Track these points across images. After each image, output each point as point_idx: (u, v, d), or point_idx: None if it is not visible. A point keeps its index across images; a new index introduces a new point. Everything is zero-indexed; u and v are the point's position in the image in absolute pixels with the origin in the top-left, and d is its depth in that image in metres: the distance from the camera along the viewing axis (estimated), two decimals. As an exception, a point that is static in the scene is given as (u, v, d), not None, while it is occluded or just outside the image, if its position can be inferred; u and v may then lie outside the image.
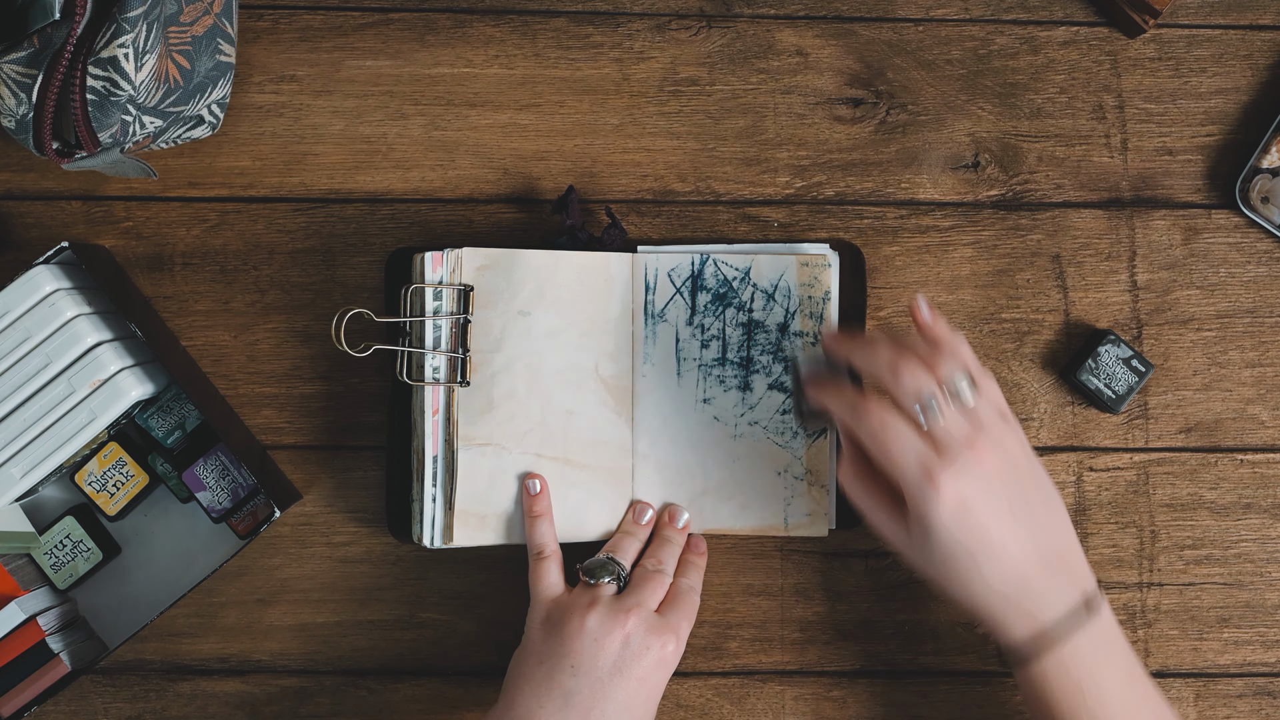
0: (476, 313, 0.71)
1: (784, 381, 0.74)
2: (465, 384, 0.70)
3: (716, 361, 0.74)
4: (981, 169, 0.78)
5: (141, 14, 0.64)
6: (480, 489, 0.71)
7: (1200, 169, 0.79)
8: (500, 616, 0.75)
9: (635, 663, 0.66)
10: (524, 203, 0.77)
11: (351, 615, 0.75)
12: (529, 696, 0.65)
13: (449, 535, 0.70)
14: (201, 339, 0.76)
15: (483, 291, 0.71)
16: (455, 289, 0.70)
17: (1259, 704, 0.76)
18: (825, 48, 0.79)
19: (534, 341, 0.71)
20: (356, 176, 0.77)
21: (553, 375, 0.72)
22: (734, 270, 0.74)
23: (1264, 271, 0.78)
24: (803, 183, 0.78)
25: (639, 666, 0.66)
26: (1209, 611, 0.76)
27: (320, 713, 0.75)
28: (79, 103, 0.64)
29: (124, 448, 0.73)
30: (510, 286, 0.71)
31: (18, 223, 0.76)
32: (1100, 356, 0.75)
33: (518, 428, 0.71)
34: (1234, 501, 0.77)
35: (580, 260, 0.73)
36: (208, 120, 0.74)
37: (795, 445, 0.73)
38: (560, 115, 0.78)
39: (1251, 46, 0.79)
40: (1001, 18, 0.79)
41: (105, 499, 0.73)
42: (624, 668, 0.66)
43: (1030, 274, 0.78)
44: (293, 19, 0.78)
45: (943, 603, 0.76)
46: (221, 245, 0.76)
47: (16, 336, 0.68)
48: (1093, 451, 0.77)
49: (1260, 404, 0.77)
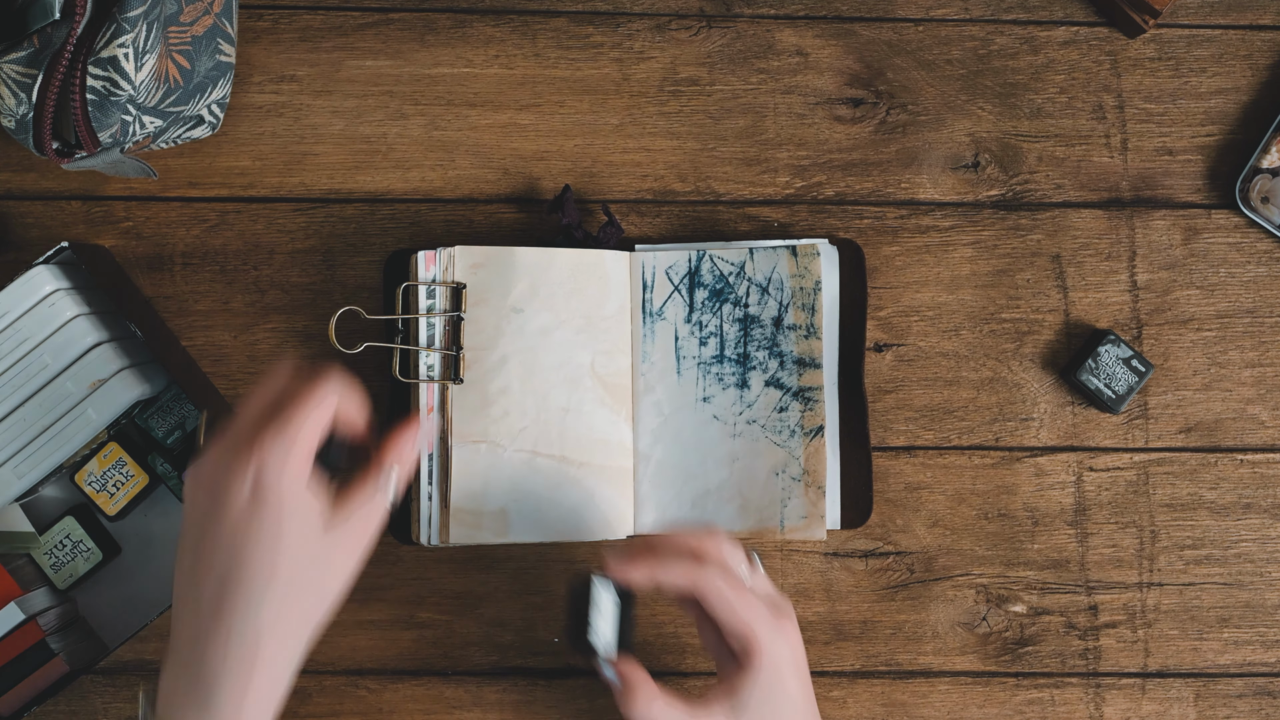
0: (470, 310, 0.71)
1: (780, 378, 0.74)
2: (459, 381, 0.71)
3: (715, 359, 0.74)
4: (981, 169, 0.78)
5: (141, 14, 0.64)
6: (475, 486, 0.71)
7: (1200, 169, 0.79)
8: (500, 616, 0.75)
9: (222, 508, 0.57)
10: (524, 203, 0.77)
11: (351, 615, 0.75)
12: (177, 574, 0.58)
13: (445, 533, 0.71)
14: (201, 339, 0.76)
15: (475, 289, 0.71)
16: (448, 287, 0.71)
17: (1259, 704, 0.76)
18: (825, 48, 0.79)
19: (527, 338, 0.72)
20: (356, 176, 0.77)
21: (548, 372, 0.72)
22: (730, 266, 0.74)
23: (1264, 271, 0.78)
24: (803, 183, 0.78)
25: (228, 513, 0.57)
26: (1209, 611, 0.76)
27: (320, 713, 0.75)
28: (79, 103, 0.64)
29: (124, 448, 0.73)
30: (503, 284, 0.71)
31: (18, 223, 0.76)
32: (1100, 356, 0.75)
33: (512, 425, 0.71)
34: (1234, 501, 0.77)
35: (573, 257, 0.73)
36: (208, 120, 0.74)
37: (793, 444, 0.73)
38: (560, 115, 0.78)
39: (1251, 46, 0.79)
40: (1001, 18, 0.79)
41: (105, 499, 0.73)
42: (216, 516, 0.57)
43: (1030, 274, 0.78)
44: (293, 19, 0.78)
45: (943, 602, 0.76)
46: (221, 245, 0.76)
47: (16, 336, 0.68)
48: (1093, 451, 0.77)
49: (1260, 404, 0.77)
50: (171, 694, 0.57)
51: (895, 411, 0.77)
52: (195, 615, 0.57)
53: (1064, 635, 0.76)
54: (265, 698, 0.57)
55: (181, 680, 0.56)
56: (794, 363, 0.74)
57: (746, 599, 0.62)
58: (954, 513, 0.76)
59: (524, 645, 0.75)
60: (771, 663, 0.62)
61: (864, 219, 0.78)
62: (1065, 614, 0.76)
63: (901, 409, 0.77)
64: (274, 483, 0.56)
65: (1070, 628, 0.76)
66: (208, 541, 0.57)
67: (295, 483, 0.57)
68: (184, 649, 0.57)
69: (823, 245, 0.74)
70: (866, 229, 0.78)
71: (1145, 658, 0.76)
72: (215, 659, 0.56)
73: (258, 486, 0.56)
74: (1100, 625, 0.76)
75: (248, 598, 0.56)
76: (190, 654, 0.56)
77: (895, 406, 0.77)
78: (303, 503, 0.57)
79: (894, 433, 0.77)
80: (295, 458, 0.57)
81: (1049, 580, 0.76)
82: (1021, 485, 0.77)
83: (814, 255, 0.73)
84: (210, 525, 0.57)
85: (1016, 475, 0.77)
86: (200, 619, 0.56)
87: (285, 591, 0.57)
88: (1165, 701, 0.76)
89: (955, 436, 0.77)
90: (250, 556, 0.56)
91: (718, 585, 0.62)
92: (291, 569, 0.57)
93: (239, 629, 0.56)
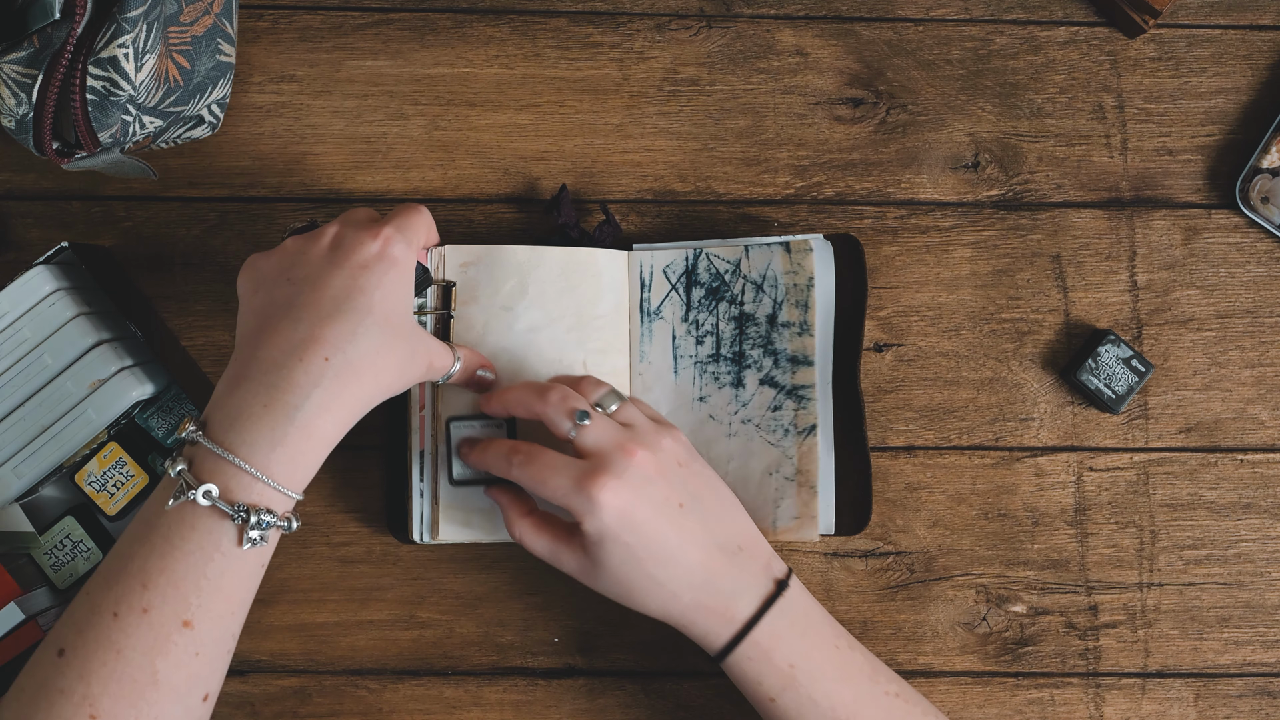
0: (460, 309, 0.71)
1: (774, 376, 0.73)
2: (449, 379, 0.71)
3: (711, 358, 0.74)
4: (981, 169, 0.78)
5: (141, 14, 0.64)
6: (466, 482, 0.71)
7: (1200, 169, 0.79)
8: (500, 616, 0.75)
9: (350, 255, 0.61)
10: (524, 203, 0.77)
11: (351, 615, 0.75)
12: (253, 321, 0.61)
13: (435, 530, 0.71)
14: (201, 339, 0.76)
15: (465, 287, 0.71)
16: (438, 285, 0.71)
17: (1259, 704, 0.76)
18: (825, 48, 0.79)
19: (516, 336, 0.72)
20: (356, 176, 0.77)
21: (538, 370, 0.72)
22: (726, 263, 0.74)
23: (1264, 271, 0.78)
24: (803, 183, 0.78)
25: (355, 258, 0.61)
26: (1209, 611, 0.76)
27: (320, 713, 0.75)
28: (79, 103, 0.64)
29: (124, 448, 0.73)
30: (492, 282, 0.71)
31: (18, 223, 0.76)
32: (1100, 356, 0.75)
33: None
34: (1234, 501, 0.77)
35: (564, 255, 0.72)
36: (208, 120, 0.74)
37: (786, 444, 0.73)
38: (560, 115, 0.78)
39: (1251, 46, 0.79)
40: (1001, 18, 0.79)
41: (105, 499, 0.73)
42: (338, 261, 0.61)
43: (1030, 274, 0.78)
44: (293, 19, 0.78)
45: (943, 602, 0.76)
46: (221, 245, 0.76)
47: (16, 336, 0.68)
48: (1093, 451, 0.77)
49: (1260, 404, 0.77)
50: (239, 413, 0.58)
51: (895, 411, 0.77)
52: (292, 335, 0.59)
53: (1064, 635, 0.76)
54: (334, 429, 0.59)
55: (259, 397, 0.58)
56: (788, 360, 0.73)
57: (547, 474, 0.62)
58: (954, 513, 0.76)
59: (524, 645, 0.75)
60: (595, 532, 0.61)
61: (864, 219, 0.78)
62: (1065, 614, 0.76)
63: (901, 409, 0.77)
64: (399, 255, 0.61)
65: (1070, 628, 0.76)
66: (325, 281, 0.60)
67: (411, 264, 0.62)
68: (270, 371, 0.58)
69: (816, 241, 0.74)
70: (866, 229, 0.78)
71: (1145, 658, 0.76)
72: (308, 374, 0.58)
73: (385, 251, 0.61)
74: (1100, 625, 0.76)
75: (355, 329, 0.59)
76: (279, 375, 0.58)
77: (895, 406, 0.77)
78: (411, 283, 0.63)
79: (894, 433, 0.77)
80: (413, 245, 0.63)
81: (1049, 580, 0.76)
82: (1021, 485, 0.77)
83: (807, 251, 0.73)
84: (328, 270, 0.60)
85: (1016, 475, 0.77)
86: (302, 337, 0.59)
87: (389, 344, 0.60)
88: (1165, 701, 0.76)
89: (955, 436, 0.77)
90: (370, 296, 0.60)
91: (523, 466, 0.63)
92: (398, 330, 0.61)
93: (345, 350, 0.59)
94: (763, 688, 0.63)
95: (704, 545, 0.63)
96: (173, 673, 0.56)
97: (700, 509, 0.63)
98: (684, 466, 0.64)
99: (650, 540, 0.62)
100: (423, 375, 0.64)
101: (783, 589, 0.64)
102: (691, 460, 0.65)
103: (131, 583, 0.56)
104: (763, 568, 0.65)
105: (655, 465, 0.62)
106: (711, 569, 0.63)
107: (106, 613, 0.56)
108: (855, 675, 0.64)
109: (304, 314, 0.59)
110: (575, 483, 0.61)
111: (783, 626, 0.63)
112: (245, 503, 0.57)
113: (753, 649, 0.63)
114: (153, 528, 0.57)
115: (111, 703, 0.55)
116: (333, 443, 0.60)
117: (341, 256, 0.61)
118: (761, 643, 0.63)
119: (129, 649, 0.55)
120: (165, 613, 0.56)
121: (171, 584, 0.56)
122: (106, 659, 0.55)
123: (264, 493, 0.57)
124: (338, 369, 0.58)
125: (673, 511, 0.62)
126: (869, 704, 0.64)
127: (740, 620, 0.63)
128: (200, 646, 0.56)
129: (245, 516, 0.56)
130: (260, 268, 0.63)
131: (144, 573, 0.56)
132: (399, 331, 0.61)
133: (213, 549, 0.57)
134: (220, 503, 0.56)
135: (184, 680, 0.56)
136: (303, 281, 0.61)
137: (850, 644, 0.66)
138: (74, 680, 0.55)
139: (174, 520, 0.57)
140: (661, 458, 0.63)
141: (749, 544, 0.65)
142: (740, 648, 0.63)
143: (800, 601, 0.65)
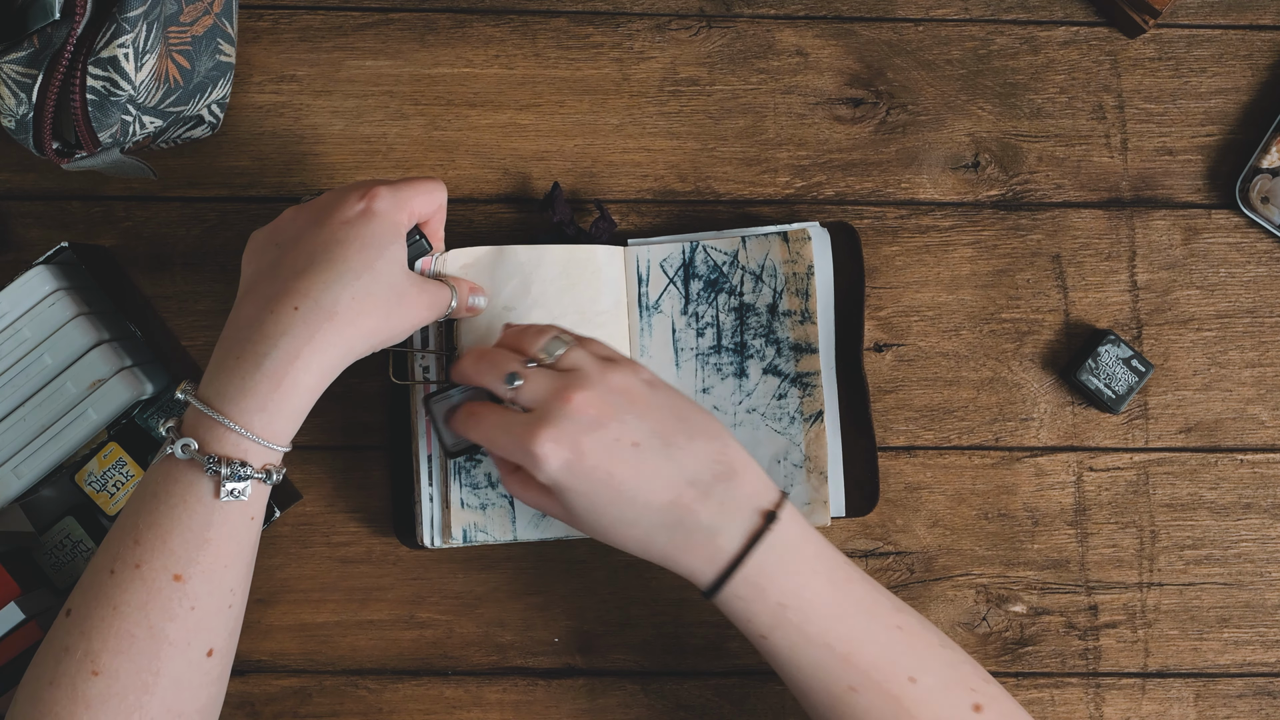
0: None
1: (778, 365, 0.73)
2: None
3: (712, 349, 0.74)
4: (981, 169, 0.78)
5: (141, 14, 0.64)
6: (476, 485, 0.71)
7: (1200, 169, 0.79)
8: (500, 616, 0.75)
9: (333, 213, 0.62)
10: (524, 203, 0.77)
11: (351, 615, 0.75)
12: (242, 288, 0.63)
13: (447, 534, 0.70)
14: (201, 339, 0.76)
15: None
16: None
17: (1259, 704, 0.76)
18: (825, 48, 0.79)
19: None
20: (356, 176, 0.77)
21: None
22: (723, 255, 0.74)
23: (1264, 271, 0.78)
24: (803, 183, 0.78)
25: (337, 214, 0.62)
26: (1209, 611, 0.76)
27: (320, 713, 0.75)
28: (79, 103, 0.64)
29: (124, 448, 0.73)
30: (494, 283, 0.71)
31: (18, 223, 0.76)
32: (1100, 356, 0.75)
33: None
34: (1234, 501, 0.77)
35: (564, 253, 0.72)
36: (208, 120, 0.74)
37: (793, 431, 0.73)
38: (560, 115, 0.78)
39: (1251, 46, 0.79)
40: (1001, 18, 0.79)
41: (105, 499, 0.73)
42: (321, 220, 0.62)
43: (1030, 274, 0.78)
44: (293, 19, 0.78)
45: (943, 602, 0.76)
46: (221, 245, 0.76)
47: (16, 336, 0.68)
48: (1093, 451, 0.77)
49: (1260, 404, 0.77)
50: (217, 368, 0.59)
51: (895, 411, 0.77)
52: (268, 291, 0.60)
53: (1064, 635, 0.76)
54: (310, 377, 0.59)
55: (233, 350, 0.59)
56: (790, 349, 0.73)
57: (495, 433, 0.61)
58: (954, 513, 0.76)
59: (524, 645, 0.75)
60: (550, 483, 0.60)
61: (864, 219, 0.78)
62: (1065, 614, 0.76)
63: (901, 409, 0.77)
64: (384, 210, 0.62)
65: (1070, 628, 0.76)
66: (305, 239, 0.61)
67: (398, 220, 0.62)
68: (245, 327, 0.59)
69: (814, 229, 0.74)
70: (866, 229, 0.78)
71: (1145, 658, 0.76)
72: (277, 324, 0.58)
73: (369, 207, 0.61)
74: (1100, 625, 0.76)
75: (329, 278, 0.59)
76: (251, 329, 0.59)
77: (895, 406, 0.77)
78: (399, 237, 0.62)
79: (894, 433, 0.77)
80: (403, 203, 0.63)
81: (1049, 580, 0.76)
82: (1021, 485, 0.77)
83: (805, 240, 0.73)
84: (309, 229, 0.61)
85: (1016, 475, 0.77)
86: (275, 291, 0.59)
87: (367, 290, 0.60)
88: (1165, 701, 0.76)
89: (955, 436, 0.77)
90: (347, 247, 0.60)
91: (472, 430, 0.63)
92: (377, 276, 0.60)
93: (316, 298, 0.59)
94: (753, 625, 0.60)
95: (670, 483, 0.60)
96: (168, 626, 0.57)
97: (661, 444, 0.60)
98: (639, 402, 0.61)
99: (605, 484, 0.59)
100: (422, 318, 0.64)
101: (771, 521, 0.60)
102: (651, 394, 0.61)
103: (125, 539, 0.57)
104: (747, 499, 0.60)
105: (598, 406, 0.59)
106: (683, 506, 0.60)
107: (104, 570, 0.57)
108: (852, 611, 0.60)
109: (281, 271, 0.60)
110: (518, 439, 0.60)
111: (772, 562, 0.60)
112: (220, 454, 0.57)
113: (742, 586, 0.60)
114: (144, 485, 0.59)
115: (110, 658, 0.56)
116: (310, 391, 0.59)
117: (324, 215, 0.62)
118: (751, 579, 0.60)
119: (124, 604, 0.56)
120: (155, 566, 0.57)
121: (159, 538, 0.57)
122: (105, 615, 0.56)
123: (239, 444, 0.58)
124: (305, 315, 0.59)
125: (625, 452, 0.59)
126: (866, 640, 0.60)
127: (725, 558, 0.60)
128: (195, 600, 0.57)
129: (217, 468, 0.57)
130: (256, 238, 0.64)
131: (135, 529, 0.58)
132: (380, 277, 0.61)
133: (195, 502, 0.57)
134: (197, 455, 0.57)
135: (181, 634, 0.57)
136: (287, 243, 0.62)
137: (849, 576, 0.62)
138: (77, 638, 0.56)
139: (159, 475, 0.58)
140: (608, 397, 0.60)
141: (729, 474, 0.61)
142: (729, 586, 0.60)
143: (791, 534, 0.61)
